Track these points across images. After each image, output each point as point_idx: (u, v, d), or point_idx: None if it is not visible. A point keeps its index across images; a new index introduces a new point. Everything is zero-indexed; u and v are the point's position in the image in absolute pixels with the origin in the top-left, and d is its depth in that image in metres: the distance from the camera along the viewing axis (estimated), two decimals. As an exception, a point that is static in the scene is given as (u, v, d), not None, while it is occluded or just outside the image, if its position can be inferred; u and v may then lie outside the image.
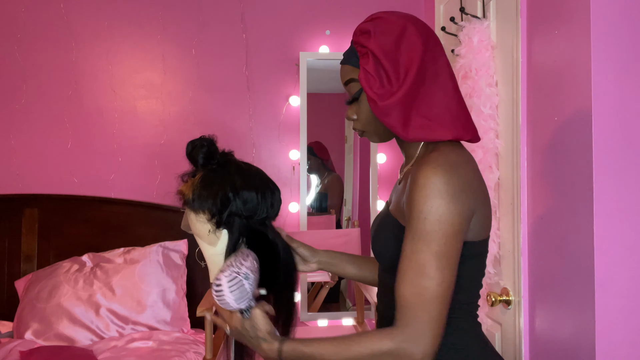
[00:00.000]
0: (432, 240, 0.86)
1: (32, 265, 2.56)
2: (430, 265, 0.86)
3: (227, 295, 0.97)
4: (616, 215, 1.25)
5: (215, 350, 1.90)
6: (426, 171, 0.88)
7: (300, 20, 2.73)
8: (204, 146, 1.12)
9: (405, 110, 0.95)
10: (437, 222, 0.86)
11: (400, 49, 0.96)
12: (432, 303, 0.86)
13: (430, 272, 0.86)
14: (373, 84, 0.97)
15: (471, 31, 1.79)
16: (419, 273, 0.86)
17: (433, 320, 0.86)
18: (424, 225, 0.87)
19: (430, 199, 0.87)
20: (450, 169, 0.89)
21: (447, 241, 0.87)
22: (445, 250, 0.87)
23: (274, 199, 1.15)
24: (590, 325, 1.26)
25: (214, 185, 1.09)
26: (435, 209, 0.87)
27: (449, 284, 0.87)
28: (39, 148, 2.65)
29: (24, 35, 2.66)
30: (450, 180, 0.88)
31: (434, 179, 0.87)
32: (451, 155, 0.92)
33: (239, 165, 1.15)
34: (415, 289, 0.86)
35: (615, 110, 1.25)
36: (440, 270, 0.86)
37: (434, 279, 0.86)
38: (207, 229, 1.11)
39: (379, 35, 0.98)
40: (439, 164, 0.89)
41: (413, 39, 0.97)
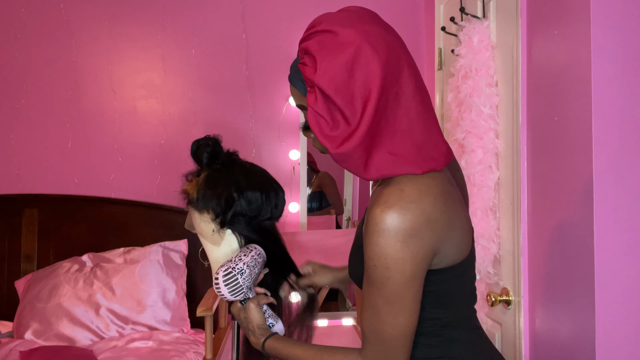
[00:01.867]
0: (382, 287, 0.82)
1: (32, 265, 2.56)
2: (383, 310, 0.83)
3: (222, 288, 1.05)
4: (616, 215, 1.25)
5: (215, 350, 1.90)
6: (375, 214, 0.80)
7: (300, 20, 2.72)
8: (209, 146, 1.13)
9: (366, 150, 0.82)
10: (385, 270, 0.80)
11: (355, 76, 0.80)
12: (389, 344, 0.84)
13: (384, 317, 0.83)
14: (324, 127, 0.82)
15: (471, 31, 1.79)
16: (374, 315, 0.84)
17: (394, 354, 0.85)
18: (374, 272, 0.82)
19: (378, 247, 0.80)
20: (402, 208, 0.80)
21: (398, 288, 0.81)
22: (396, 297, 0.82)
23: (278, 199, 1.15)
24: (590, 325, 1.26)
25: (218, 185, 1.10)
26: (384, 257, 0.80)
27: (404, 327, 0.83)
28: (39, 148, 2.65)
29: (24, 35, 2.66)
30: (402, 222, 0.79)
31: (383, 223, 0.79)
32: (407, 189, 0.81)
33: (243, 166, 1.15)
34: (373, 328, 0.85)
35: (615, 110, 1.25)
36: (392, 316, 0.83)
37: (388, 324, 0.83)
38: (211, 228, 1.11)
39: (325, 62, 0.80)
40: (390, 205, 0.80)
41: (370, 61, 0.80)
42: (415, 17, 2.75)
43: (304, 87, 0.88)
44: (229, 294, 1.06)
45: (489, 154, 1.71)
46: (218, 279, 1.05)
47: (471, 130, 1.75)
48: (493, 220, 1.71)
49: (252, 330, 1.07)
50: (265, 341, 1.04)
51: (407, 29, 2.76)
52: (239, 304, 1.10)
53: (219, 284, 1.05)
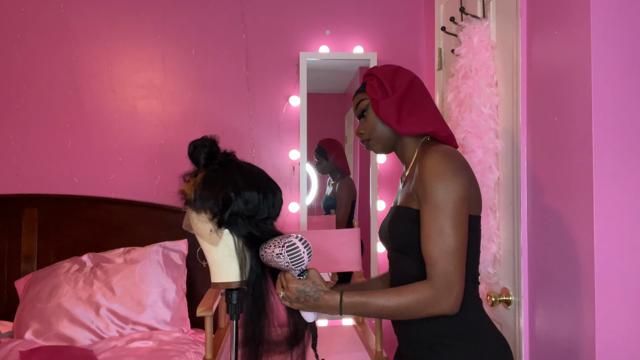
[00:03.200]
0: (445, 206, 1.08)
1: (32, 265, 2.56)
2: (447, 226, 1.08)
3: (304, 254, 1.08)
4: (616, 215, 1.25)
5: (215, 350, 1.90)
6: (430, 157, 1.13)
7: (300, 20, 2.73)
8: (206, 146, 1.13)
9: (397, 108, 1.24)
10: (446, 192, 1.09)
11: (395, 76, 1.27)
12: (454, 255, 1.07)
13: (448, 231, 1.08)
14: (376, 94, 1.26)
15: (471, 31, 1.79)
16: (440, 234, 1.08)
17: (457, 270, 1.07)
18: (437, 196, 1.09)
19: (439, 176, 1.10)
20: (448, 154, 1.14)
21: (456, 205, 1.09)
22: (456, 213, 1.09)
23: (276, 199, 1.15)
24: (590, 325, 1.26)
25: (215, 185, 1.10)
26: (444, 182, 1.09)
27: (463, 239, 1.09)
28: (39, 148, 2.65)
29: (24, 35, 2.66)
30: (450, 161, 1.12)
31: (438, 161, 1.12)
32: (446, 147, 1.18)
33: (240, 165, 1.15)
34: (439, 247, 1.07)
35: (615, 110, 1.25)
36: (455, 229, 1.08)
37: (452, 236, 1.08)
38: (209, 228, 1.11)
39: (384, 70, 1.29)
40: (439, 151, 1.14)
41: (405, 73, 1.28)
42: (415, 17, 2.76)
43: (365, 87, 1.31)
44: (307, 260, 1.09)
45: (489, 154, 1.71)
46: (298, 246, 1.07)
47: (471, 130, 1.75)
48: (493, 220, 1.71)
49: (324, 290, 1.11)
50: (343, 294, 1.10)
51: (407, 29, 2.76)
52: (297, 276, 1.11)
53: (299, 250, 1.06)
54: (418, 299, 1.07)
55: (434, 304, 1.07)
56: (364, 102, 1.30)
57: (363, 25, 2.73)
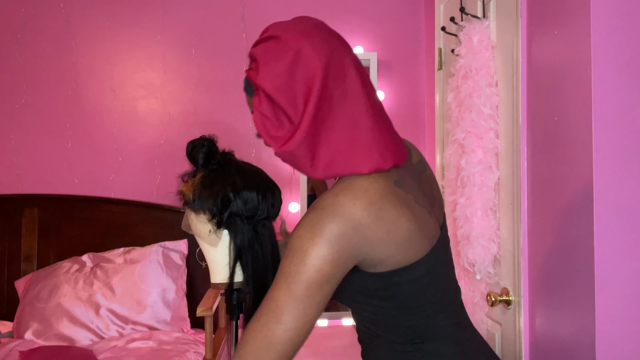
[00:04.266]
0: (292, 282, 0.78)
1: (32, 265, 2.56)
2: (285, 307, 0.78)
3: None
4: (616, 215, 1.25)
5: (215, 350, 1.90)
6: (309, 211, 0.82)
7: (300, 20, 2.72)
8: (204, 146, 1.13)
9: (310, 148, 0.83)
10: (302, 265, 0.78)
11: (295, 76, 0.81)
12: (271, 349, 0.78)
13: (281, 314, 0.78)
14: (270, 128, 0.85)
15: (471, 31, 1.79)
16: (271, 310, 0.79)
17: None
18: (288, 266, 0.79)
19: (302, 239, 0.79)
20: (333, 212, 0.79)
21: (310, 287, 0.78)
22: (305, 296, 0.78)
23: (275, 199, 1.15)
24: (590, 325, 1.26)
25: (214, 186, 1.09)
26: (304, 251, 0.78)
27: (299, 333, 0.79)
28: (39, 148, 2.65)
29: (24, 35, 2.66)
30: (330, 224, 0.79)
31: (313, 219, 0.80)
32: (340, 194, 0.82)
33: (239, 165, 1.15)
34: (261, 326, 0.79)
35: (615, 110, 1.25)
36: (292, 316, 0.78)
37: (283, 323, 0.78)
38: (208, 229, 1.11)
39: (268, 65, 0.82)
40: (322, 207, 0.81)
41: (310, 62, 0.82)
42: (415, 17, 2.75)
43: (252, 92, 0.89)
44: None
45: (489, 154, 1.71)
46: None
47: (471, 130, 1.75)
48: (493, 220, 1.71)
49: None
50: None
51: (407, 29, 2.76)
52: None
53: None
54: None
55: None
56: None
57: (363, 25, 2.73)
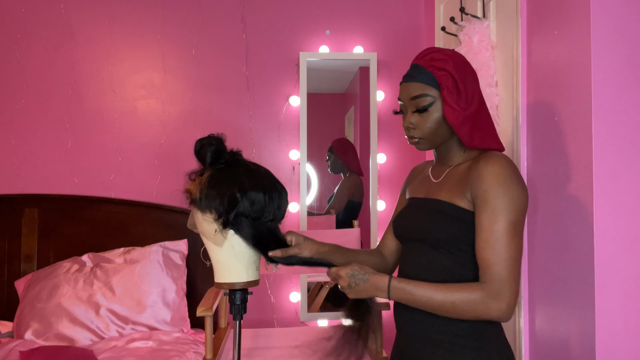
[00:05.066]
0: (509, 213, 1.07)
1: (32, 265, 2.56)
2: (508, 232, 1.07)
3: None
4: (616, 215, 1.25)
5: (215, 350, 1.90)
6: (494, 163, 1.11)
7: (300, 20, 2.73)
8: (213, 144, 1.12)
9: (472, 124, 1.18)
10: (511, 199, 1.08)
11: (467, 78, 1.18)
12: (510, 263, 1.06)
13: (509, 238, 1.06)
14: (452, 98, 1.16)
15: (471, 31, 1.79)
16: (499, 239, 1.06)
17: (513, 277, 1.05)
18: (501, 202, 1.08)
19: (504, 182, 1.09)
20: (510, 162, 1.13)
21: (518, 214, 1.08)
22: (516, 221, 1.08)
23: (281, 200, 1.15)
24: (590, 325, 1.26)
25: (221, 185, 1.08)
26: (508, 189, 1.08)
27: (520, 248, 1.08)
28: (39, 148, 2.65)
29: (24, 35, 2.66)
30: (515, 170, 1.12)
31: (506, 168, 1.10)
32: (504, 154, 1.16)
33: (247, 166, 1.14)
34: (497, 252, 1.06)
35: (615, 110, 1.25)
36: (514, 237, 1.07)
37: (511, 243, 1.06)
38: (214, 228, 1.10)
39: (453, 62, 1.17)
40: (504, 159, 1.13)
41: (473, 74, 1.21)
42: (415, 17, 2.75)
43: (428, 78, 1.18)
44: None
45: (489, 154, 1.71)
46: None
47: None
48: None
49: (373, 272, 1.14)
50: (392, 279, 1.12)
51: (407, 29, 2.76)
52: None
53: None
54: (467, 299, 1.06)
55: (483, 308, 1.05)
56: (427, 98, 1.18)
57: (363, 25, 2.73)
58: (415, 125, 1.21)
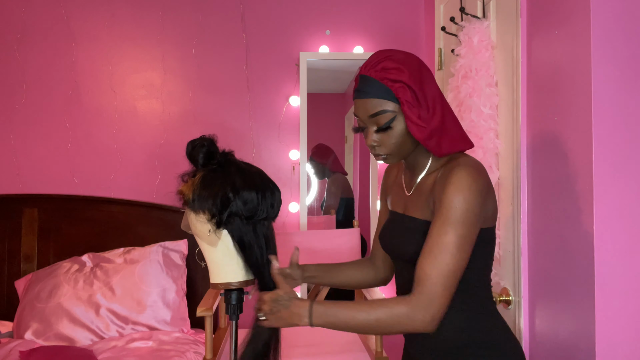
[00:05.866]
0: (460, 226, 1.02)
1: (32, 265, 2.56)
2: (454, 245, 1.02)
3: None
4: (616, 215, 1.25)
5: (215, 350, 1.90)
6: (460, 172, 1.06)
7: (300, 20, 2.73)
8: (204, 146, 1.12)
9: (439, 134, 1.12)
10: (466, 211, 1.03)
11: (424, 84, 1.11)
12: (447, 279, 1.01)
13: (453, 251, 1.01)
14: (414, 112, 1.09)
15: (471, 31, 1.79)
16: (443, 251, 1.02)
17: (444, 292, 1.01)
18: (454, 213, 1.03)
19: (461, 192, 1.03)
20: (476, 171, 1.07)
21: (470, 227, 1.03)
22: (467, 234, 1.03)
23: (274, 199, 1.15)
24: (590, 325, 1.26)
25: (214, 186, 1.09)
26: (467, 200, 1.03)
27: (464, 262, 1.03)
28: (39, 148, 2.65)
29: (24, 35, 2.66)
30: (477, 179, 1.05)
31: (466, 177, 1.05)
32: (470, 160, 1.11)
33: (239, 166, 1.15)
34: (436, 264, 1.01)
35: (615, 110, 1.25)
36: (460, 251, 1.02)
37: (454, 258, 1.01)
38: (207, 229, 1.11)
39: (407, 70, 1.09)
40: (471, 168, 1.06)
41: (429, 75, 1.13)
42: (415, 17, 2.75)
43: (387, 93, 1.10)
44: None
45: (489, 154, 1.71)
46: None
47: (471, 130, 1.75)
48: (493, 220, 1.70)
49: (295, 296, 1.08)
50: (314, 303, 1.05)
51: (407, 29, 2.76)
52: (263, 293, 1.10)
53: None
54: (391, 314, 1.01)
55: (408, 321, 1.00)
56: (387, 114, 1.10)
57: (363, 25, 2.73)
58: (380, 143, 1.13)
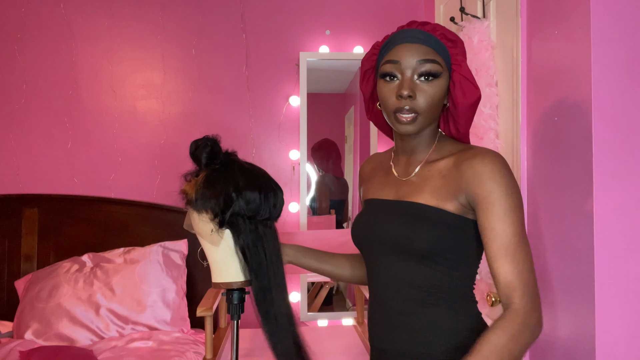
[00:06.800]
0: (519, 212, 0.96)
1: (32, 265, 2.56)
2: (522, 233, 0.96)
3: None
4: (616, 215, 1.25)
5: (215, 350, 1.90)
6: (497, 161, 0.99)
7: (300, 20, 2.73)
8: (208, 146, 1.12)
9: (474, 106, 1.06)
10: (517, 198, 0.97)
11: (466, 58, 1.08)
12: (533, 270, 0.95)
13: (524, 240, 0.95)
14: (469, 74, 1.04)
15: (471, 31, 1.79)
16: (518, 244, 0.94)
17: (536, 285, 0.95)
18: (511, 202, 0.96)
19: (510, 180, 0.97)
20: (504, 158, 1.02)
21: (522, 211, 0.98)
22: (523, 219, 0.98)
23: (277, 199, 1.15)
24: (590, 326, 1.26)
25: (217, 185, 1.09)
26: (514, 188, 0.97)
27: None
28: (39, 148, 2.65)
29: (24, 35, 2.66)
30: (508, 166, 1.00)
31: (504, 165, 0.99)
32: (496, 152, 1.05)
33: (242, 165, 1.15)
34: (520, 262, 0.94)
35: (615, 110, 1.25)
36: (526, 237, 0.96)
37: (527, 246, 0.96)
38: (210, 228, 1.11)
39: (462, 52, 1.06)
40: (500, 156, 1.01)
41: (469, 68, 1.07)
42: (415, 17, 2.75)
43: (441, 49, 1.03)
44: None
45: (489, 154, 1.71)
46: None
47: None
48: (493, 220, 1.70)
49: None
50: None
51: (407, 29, 2.75)
52: None
53: None
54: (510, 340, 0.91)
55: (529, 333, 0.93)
56: (437, 66, 1.01)
57: (363, 25, 2.73)
58: (418, 95, 1.00)
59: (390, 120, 1.05)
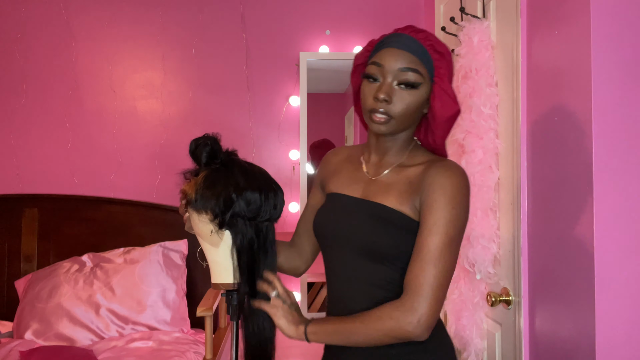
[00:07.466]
0: (451, 227, 0.99)
1: (32, 265, 2.56)
2: (444, 247, 0.98)
3: None
4: (616, 215, 1.25)
5: (215, 350, 1.90)
6: (456, 175, 1.02)
7: (300, 20, 2.73)
8: (208, 145, 1.11)
9: (451, 124, 1.10)
10: (457, 215, 1.00)
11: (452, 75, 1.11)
12: (437, 283, 0.97)
13: (443, 253, 0.98)
14: (449, 87, 1.06)
15: (471, 31, 1.79)
16: (434, 253, 0.98)
17: (433, 297, 0.97)
18: (447, 215, 0.99)
19: (457, 196, 1.00)
20: (468, 178, 1.05)
21: (458, 231, 1.01)
22: (456, 237, 1.01)
23: (277, 200, 1.14)
24: (590, 325, 1.26)
25: (217, 186, 1.08)
26: (459, 205, 1.00)
27: (453, 265, 1.01)
28: (39, 148, 2.65)
29: (24, 35, 2.66)
30: (469, 187, 1.04)
31: (462, 182, 1.02)
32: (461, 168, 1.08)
33: (242, 166, 1.14)
34: (427, 269, 0.98)
35: (615, 110, 1.25)
36: (450, 254, 1.00)
37: (444, 260, 0.98)
38: (210, 229, 1.10)
39: (447, 66, 1.07)
40: (463, 173, 1.04)
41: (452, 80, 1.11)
42: (415, 17, 2.75)
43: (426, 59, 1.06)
44: None
45: (489, 154, 1.71)
46: None
47: (471, 130, 1.75)
48: (493, 220, 1.71)
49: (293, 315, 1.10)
50: (307, 325, 1.07)
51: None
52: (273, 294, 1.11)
53: None
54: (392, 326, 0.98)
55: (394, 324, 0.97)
56: (418, 75, 1.03)
57: (363, 25, 2.73)
58: (394, 101, 1.04)
59: (365, 118, 1.08)
